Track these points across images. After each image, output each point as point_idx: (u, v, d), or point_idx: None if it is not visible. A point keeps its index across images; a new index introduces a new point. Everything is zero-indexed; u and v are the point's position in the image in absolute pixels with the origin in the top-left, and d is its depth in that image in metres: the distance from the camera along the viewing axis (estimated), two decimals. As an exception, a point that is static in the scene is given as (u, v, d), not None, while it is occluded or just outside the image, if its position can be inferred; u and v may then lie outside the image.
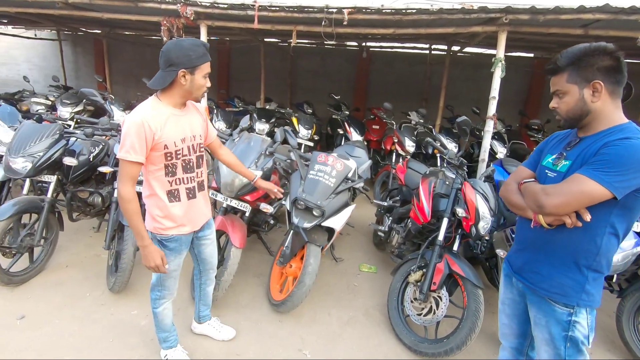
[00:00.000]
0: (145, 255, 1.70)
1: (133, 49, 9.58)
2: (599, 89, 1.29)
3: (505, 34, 3.65)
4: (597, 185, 1.23)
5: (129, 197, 1.61)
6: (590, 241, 1.32)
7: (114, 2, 4.17)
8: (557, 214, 1.32)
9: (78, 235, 3.68)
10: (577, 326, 1.37)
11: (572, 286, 1.36)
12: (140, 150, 1.57)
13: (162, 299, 2.01)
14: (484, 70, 8.02)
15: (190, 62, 1.58)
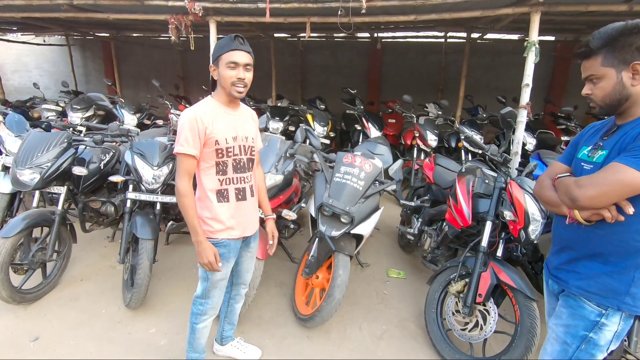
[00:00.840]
0: (199, 251, 1.67)
1: (141, 51, 9.48)
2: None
3: (538, 15, 3.35)
4: (638, 173, 1.12)
5: (184, 191, 1.62)
6: (636, 237, 1.19)
7: (119, 1, 4.01)
8: (592, 206, 1.21)
9: (92, 245, 3.55)
10: (603, 329, 1.26)
11: (615, 288, 1.24)
12: (194, 144, 1.59)
13: (204, 315, 1.90)
14: (503, 57, 7.77)
15: (214, 55, 1.63)
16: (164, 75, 9.00)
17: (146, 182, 2.65)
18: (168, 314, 2.62)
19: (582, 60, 1.27)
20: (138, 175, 2.64)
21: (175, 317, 2.58)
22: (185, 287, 2.93)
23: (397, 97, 7.03)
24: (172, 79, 8.63)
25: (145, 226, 2.54)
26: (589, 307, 1.28)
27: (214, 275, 1.77)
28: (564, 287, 1.37)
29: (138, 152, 2.66)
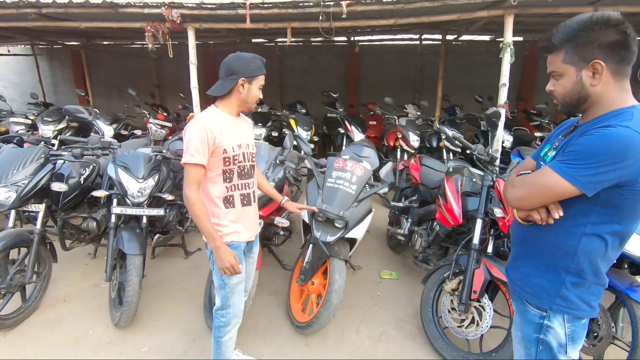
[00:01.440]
0: (219, 256, 1.67)
1: (113, 59, 9.19)
2: (600, 70, 1.09)
3: (512, 17, 3.48)
4: (561, 179, 1.09)
5: (194, 199, 1.64)
6: (567, 241, 1.17)
7: (92, 9, 3.87)
8: (521, 207, 1.22)
9: (73, 264, 3.40)
10: (550, 331, 1.24)
11: (546, 289, 1.23)
12: (204, 153, 1.63)
13: (228, 325, 1.88)
14: (477, 57, 8.01)
15: (250, 72, 1.66)
16: (138, 83, 8.76)
17: (131, 195, 2.56)
18: (160, 330, 2.54)
19: (546, 54, 1.21)
20: (123, 188, 2.55)
21: (168, 334, 2.50)
22: (175, 302, 2.85)
23: (376, 99, 7.13)
24: (146, 87, 8.41)
25: (133, 241, 2.46)
26: (531, 310, 1.28)
27: (231, 280, 1.78)
28: (511, 284, 1.38)
29: (122, 165, 2.57)
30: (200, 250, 3.67)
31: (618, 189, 1.07)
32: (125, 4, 3.76)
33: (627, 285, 1.90)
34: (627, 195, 1.07)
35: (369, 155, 3.38)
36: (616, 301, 1.99)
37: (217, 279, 1.82)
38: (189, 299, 2.88)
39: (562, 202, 1.15)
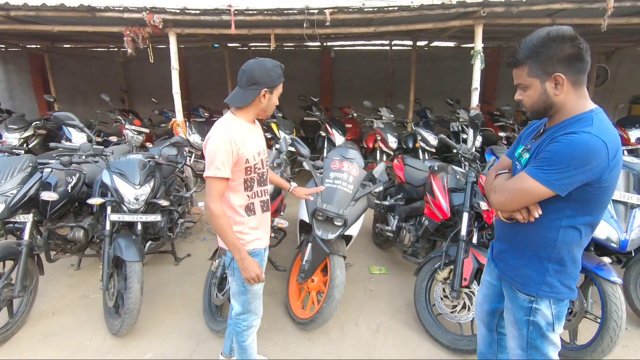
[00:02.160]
0: (245, 267, 1.66)
1: (78, 63, 8.80)
2: (561, 82, 1.22)
3: (481, 27, 3.78)
4: (537, 184, 1.24)
5: (219, 212, 1.62)
6: (547, 234, 1.33)
7: (67, 13, 3.76)
8: (504, 210, 1.37)
9: (56, 276, 3.28)
10: (538, 313, 1.39)
11: (533, 277, 1.38)
12: (228, 165, 1.61)
13: (251, 328, 1.90)
14: (444, 62, 8.46)
15: (272, 82, 1.63)
16: (105, 88, 8.42)
17: (128, 202, 2.54)
18: (161, 337, 2.53)
19: (512, 68, 1.33)
20: (119, 195, 2.52)
21: (170, 339, 2.50)
22: (173, 307, 2.85)
23: (350, 102, 7.35)
24: (114, 92, 8.11)
25: (131, 248, 2.44)
26: (521, 296, 1.42)
27: (253, 286, 1.79)
28: (502, 275, 1.53)
29: (117, 172, 2.54)
30: (190, 256, 3.65)
31: (587, 187, 1.22)
32: (104, 8, 3.69)
33: (595, 265, 2.16)
34: (594, 191, 1.23)
35: (355, 157, 3.52)
36: (586, 280, 2.25)
37: (237, 286, 1.81)
38: (186, 304, 2.88)
39: (540, 201, 1.30)
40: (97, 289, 2.86)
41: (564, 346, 2.27)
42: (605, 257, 2.42)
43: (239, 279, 1.77)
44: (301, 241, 2.87)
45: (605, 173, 1.20)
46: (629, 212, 2.25)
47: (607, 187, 1.25)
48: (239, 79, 1.63)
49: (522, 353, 1.47)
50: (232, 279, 1.82)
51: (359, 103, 5.65)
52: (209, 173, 1.60)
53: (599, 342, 2.06)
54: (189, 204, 4.13)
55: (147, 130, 5.61)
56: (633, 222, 2.22)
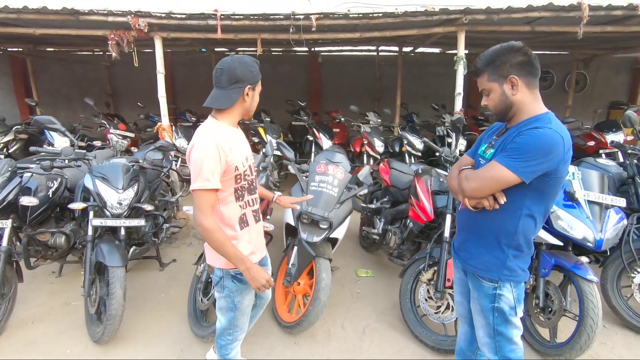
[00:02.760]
0: (253, 277, 1.56)
1: (61, 67, 8.65)
2: (516, 83, 1.41)
3: (463, 34, 3.89)
4: (507, 171, 1.37)
5: (214, 227, 1.50)
6: (509, 222, 1.46)
7: (49, 16, 3.71)
8: (475, 196, 1.47)
9: (36, 284, 3.20)
10: (502, 298, 1.52)
11: (495, 263, 1.51)
12: (217, 175, 1.48)
13: (235, 342, 1.84)
14: (429, 68, 8.60)
15: (254, 77, 1.53)
16: (89, 92, 8.31)
17: (111, 206, 2.51)
18: (145, 343, 2.49)
19: (475, 77, 1.51)
20: (101, 200, 2.49)
21: (154, 346, 2.47)
22: (158, 313, 2.81)
23: (338, 107, 7.40)
24: (98, 96, 8.00)
25: (114, 253, 2.40)
26: (485, 284, 1.54)
27: (242, 303, 1.72)
28: (464, 265, 1.63)
29: (99, 176, 2.51)
30: (175, 262, 3.61)
31: (545, 177, 1.38)
32: (88, 11, 3.66)
33: (573, 264, 2.22)
34: (551, 181, 1.40)
35: (341, 161, 3.56)
36: (565, 279, 2.31)
37: (226, 302, 1.71)
38: (171, 310, 2.85)
39: (504, 191, 1.43)
40: (79, 296, 2.80)
41: (544, 344, 2.32)
42: (583, 256, 2.49)
43: (228, 297, 1.70)
44: (287, 245, 2.87)
45: (560, 165, 1.37)
46: (603, 212, 2.32)
47: (560, 178, 1.42)
48: (217, 78, 1.51)
49: (490, 341, 1.60)
50: (219, 295, 1.73)
51: (346, 108, 5.70)
52: (198, 185, 1.45)
53: (577, 340, 2.11)
54: (174, 209, 4.08)
55: (132, 134, 5.54)
56: (608, 222, 2.29)
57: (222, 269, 1.66)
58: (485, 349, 1.64)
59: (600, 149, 5.02)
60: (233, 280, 1.67)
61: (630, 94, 8.50)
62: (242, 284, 1.68)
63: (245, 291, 1.72)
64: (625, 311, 2.62)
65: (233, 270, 1.65)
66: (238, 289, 1.69)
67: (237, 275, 1.66)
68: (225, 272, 1.66)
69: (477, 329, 1.66)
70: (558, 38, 5.04)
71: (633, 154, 2.73)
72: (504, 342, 1.57)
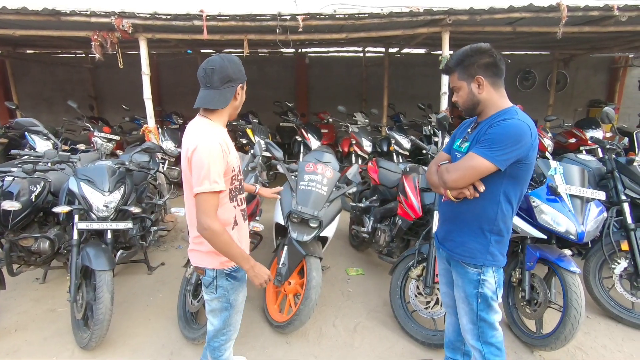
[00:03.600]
0: (256, 275, 1.57)
1: (42, 70, 8.46)
2: (482, 82, 1.53)
3: (448, 34, 3.95)
4: (483, 160, 1.47)
5: (222, 229, 1.48)
6: (489, 209, 1.57)
7: (30, 16, 3.63)
8: (456, 187, 1.56)
9: (19, 291, 3.12)
10: (485, 284, 1.62)
11: (479, 249, 1.61)
12: (223, 177, 1.48)
13: (229, 342, 1.83)
14: (415, 68, 8.71)
15: (243, 76, 1.55)
16: (71, 95, 8.16)
17: (97, 210, 2.46)
18: (134, 347, 2.45)
19: (446, 75, 1.62)
20: (87, 203, 2.44)
21: (143, 350, 2.43)
22: (146, 317, 2.77)
23: (325, 108, 7.44)
24: (82, 99, 7.85)
25: (100, 257, 2.36)
26: (470, 270, 1.63)
27: (237, 300, 1.73)
28: (449, 254, 1.71)
29: (84, 179, 2.47)
30: (163, 265, 3.57)
31: (518, 164, 1.49)
32: (70, 12, 3.60)
33: (557, 256, 2.29)
34: (523, 167, 1.52)
35: (330, 160, 3.57)
36: (549, 271, 2.37)
37: (220, 302, 1.70)
38: (160, 314, 2.81)
39: (483, 180, 1.53)
40: (65, 302, 2.75)
41: (531, 335, 2.38)
42: (566, 249, 2.56)
43: (222, 297, 1.68)
44: (277, 245, 2.87)
45: (530, 151, 1.49)
46: (584, 205, 2.40)
47: (531, 164, 1.54)
48: (208, 79, 1.47)
49: (473, 327, 1.68)
50: (212, 297, 1.69)
51: (334, 108, 5.74)
52: (205, 188, 1.41)
53: (562, 330, 2.17)
54: (162, 212, 4.04)
55: (117, 137, 5.45)
56: (589, 215, 2.36)
57: (216, 269, 1.64)
58: (468, 335, 1.71)
59: (581, 146, 5.17)
60: (227, 279, 1.66)
61: (608, 93, 8.78)
62: (237, 281, 1.69)
63: (239, 288, 1.73)
64: (607, 301, 2.70)
65: (228, 269, 1.64)
66: (233, 286, 1.68)
67: (231, 273, 1.66)
68: (219, 272, 1.65)
69: (460, 316, 1.74)
70: (539, 38, 5.17)
71: (611, 149, 2.82)
72: (486, 328, 1.66)
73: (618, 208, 2.68)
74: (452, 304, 1.87)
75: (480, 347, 1.68)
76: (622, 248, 2.62)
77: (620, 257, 2.63)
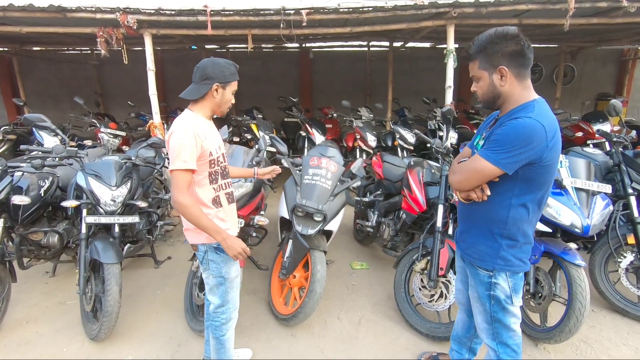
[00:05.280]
0: (229, 245, 1.69)
1: (47, 67, 8.53)
2: (505, 74, 1.38)
3: (453, 27, 3.92)
4: (487, 163, 1.38)
5: (189, 202, 1.64)
6: (500, 212, 1.46)
7: (36, 13, 3.66)
8: (460, 189, 1.50)
9: (30, 284, 3.18)
10: (497, 287, 1.53)
11: (489, 252, 1.52)
12: (195, 158, 1.65)
13: (230, 321, 1.94)
14: (420, 62, 8.66)
15: (224, 77, 1.71)
16: (78, 92, 8.20)
17: (104, 204, 2.50)
18: (142, 339, 2.50)
19: (466, 62, 1.50)
20: (94, 197, 2.48)
21: (151, 342, 2.48)
22: (153, 310, 2.81)
23: (329, 103, 7.42)
24: (88, 95, 7.91)
25: (108, 250, 2.40)
26: (481, 272, 1.55)
27: (230, 274, 1.84)
28: (462, 254, 1.67)
29: (92, 173, 2.50)
30: (170, 259, 3.61)
31: (530, 166, 1.36)
32: (75, 9, 3.62)
33: (562, 250, 2.28)
34: (537, 170, 1.38)
35: (334, 155, 3.58)
36: (554, 264, 2.37)
37: (214, 278, 1.84)
38: (167, 306, 2.85)
39: (493, 181, 1.43)
40: (74, 295, 2.79)
41: (535, 328, 2.38)
42: (572, 243, 2.55)
43: (215, 270, 1.82)
44: (282, 239, 2.89)
45: (545, 153, 1.34)
46: (590, 199, 2.38)
47: (549, 166, 1.39)
48: (194, 75, 1.72)
49: (488, 327, 1.61)
50: (207, 273, 1.85)
51: (338, 103, 5.72)
52: (176, 166, 1.61)
53: (567, 323, 2.17)
54: (168, 206, 4.07)
55: (123, 133, 5.49)
56: (594, 208, 2.35)
57: (205, 244, 1.79)
58: (483, 334, 1.65)
59: (588, 140, 5.11)
60: (216, 252, 1.80)
61: (616, 86, 8.65)
62: (223, 254, 1.81)
63: (230, 261, 1.84)
64: (613, 295, 2.69)
65: (215, 243, 1.77)
66: (223, 259, 1.81)
67: (219, 247, 1.78)
68: (209, 246, 1.80)
69: (475, 315, 1.67)
70: (545, 31, 5.10)
71: (618, 142, 2.79)
72: (502, 329, 1.58)
73: (625, 201, 2.66)
74: (464, 302, 1.84)
75: (495, 347, 1.61)
76: (629, 242, 2.60)
77: (627, 250, 2.62)
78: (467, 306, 1.82)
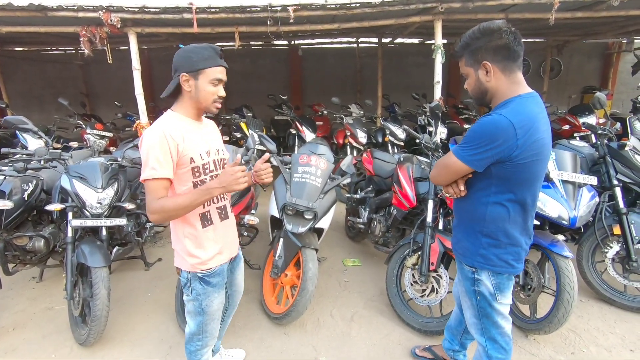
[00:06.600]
0: (226, 186, 1.41)
1: (31, 67, 8.34)
2: (490, 69, 1.36)
3: (440, 22, 3.93)
4: (455, 159, 1.38)
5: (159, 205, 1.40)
6: (478, 209, 1.46)
7: (16, 12, 3.57)
8: (436, 184, 1.54)
9: (16, 290, 3.12)
10: (481, 283, 1.52)
11: (470, 249, 1.53)
12: (167, 164, 1.40)
13: (205, 347, 1.75)
14: (409, 58, 8.67)
15: (191, 65, 1.43)
16: (62, 92, 8.05)
17: (90, 207, 2.45)
18: (132, 343, 2.46)
19: (455, 60, 1.50)
20: (80, 200, 2.43)
21: (141, 345, 2.44)
22: (144, 313, 2.78)
23: (320, 100, 7.40)
24: (73, 96, 7.76)
25: (95, 253, 2.36)
26: (465, 267, 1.57)
27: (210, 307, 1.64)
28: (453, 248, 1.68)
29: (77, 176, 2.45)
30: (160, 261, 3.57)
31: (502, 164, 1.33)
32: (56, 7, 3.54)
33: (549, 242, 2.30)
34: (510, 169, 1.34)
35: (325, 152, 3.56)
36: (542, 256, 2.39)
37: (194, 306, 1.64)
38: (158, 309, 2.82)
39: (472, 178, 1.44)
40: (62, 300, 2.75)
41: (525, 320, 2.41)
42: (560, 235, 2.58)
43: (196, 301, 1.63)
44: (273, 237, 2.88)
45: (515, 150, 1.30)
46: (576, 190, 2.42)
47: (523, 165, 1.33)
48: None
49: (476, 322, 1.61)
50: (187, 298, 1.65)
51: (328, 100, 5.71)
52: (145, 175, 1.39)
53: (555, 314, 2.20)
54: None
55: (110, 134, 5.40)
56: (581, 200, 2.39)
57: (189, 272, 1.59)
58: (472, 329, 1.66)
59: (575, 133, 5.18)
60: (200, 283, 1.60)
61: (601, 79, 8.78)
62: (210, 287, 1.62)
63: (213, 294, 1.64)
64: (600, 285, 2.74)
65: (200, 272, 1.58)
66: (205, 292, 1.61)
67: (204, 278, 1.59)
68: (192, 275, 1.59)
69: (464, 309, 1.68)
70: (532, 25, 5.15)
71: (603, 135, 2.83)
72: (490, 325, 1.58)
73: (610, 193, 2.71)
74: (458, 296, 1.85)
75: (484, 343, 1.61)
76: (615, 232, 2.64)
77: (613, 241, 2.66)
78: (460, 300, 1.84)
